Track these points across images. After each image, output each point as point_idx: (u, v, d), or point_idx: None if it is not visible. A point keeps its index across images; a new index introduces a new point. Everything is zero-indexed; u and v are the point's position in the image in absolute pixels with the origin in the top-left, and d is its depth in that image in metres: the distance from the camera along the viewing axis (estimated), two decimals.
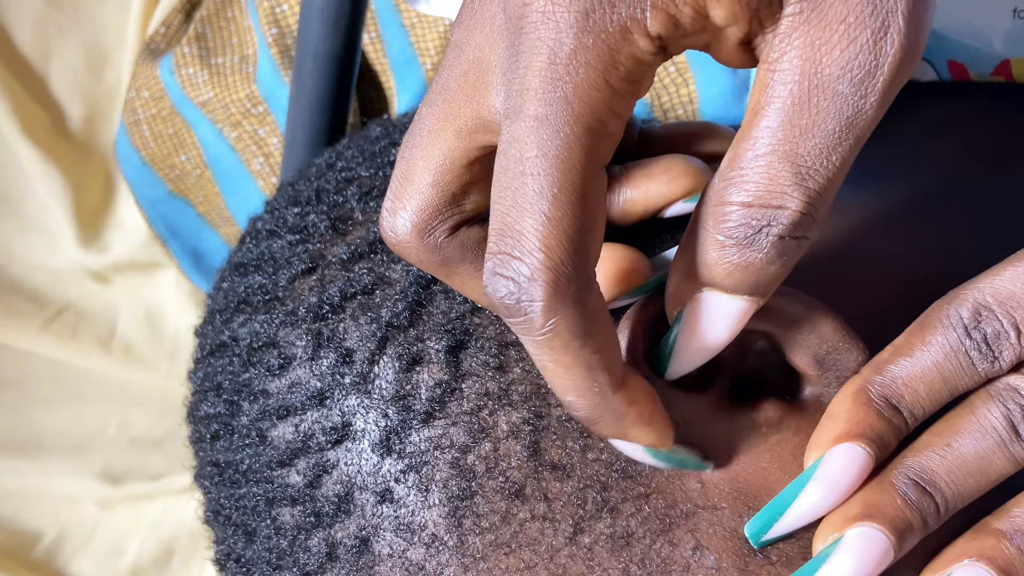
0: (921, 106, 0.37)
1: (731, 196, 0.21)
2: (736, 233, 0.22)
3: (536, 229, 0.21)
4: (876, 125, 0.21)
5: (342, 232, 0.30)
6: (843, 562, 0.24)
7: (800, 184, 0.21)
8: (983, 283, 0.24)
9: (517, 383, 0.27)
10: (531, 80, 0.21)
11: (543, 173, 0.21)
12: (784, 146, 0.21)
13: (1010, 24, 0.33)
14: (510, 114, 0.22)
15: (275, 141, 0.57)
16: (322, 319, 0.29)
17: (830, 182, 0.21)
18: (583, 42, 0.21)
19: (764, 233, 0.21)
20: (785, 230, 0.21)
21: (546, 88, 0.21)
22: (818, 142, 0.21)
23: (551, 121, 0.21)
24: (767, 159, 0.21)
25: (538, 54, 0.21)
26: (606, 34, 0.20)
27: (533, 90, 0.21)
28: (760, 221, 0.21)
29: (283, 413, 0.29)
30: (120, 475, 0.65)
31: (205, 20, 0.59)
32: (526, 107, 0.21)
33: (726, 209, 0.22)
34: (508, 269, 0.21)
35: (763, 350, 0.27)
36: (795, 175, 0.21)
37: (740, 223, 0.21)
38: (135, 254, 0.66)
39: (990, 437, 0.24)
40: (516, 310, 0.21)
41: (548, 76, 0.21)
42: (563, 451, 0.27)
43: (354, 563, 0.28)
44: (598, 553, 0.26)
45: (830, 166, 0.21)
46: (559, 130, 0.21)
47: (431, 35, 0.51)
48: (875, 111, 0.21)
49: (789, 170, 0.21)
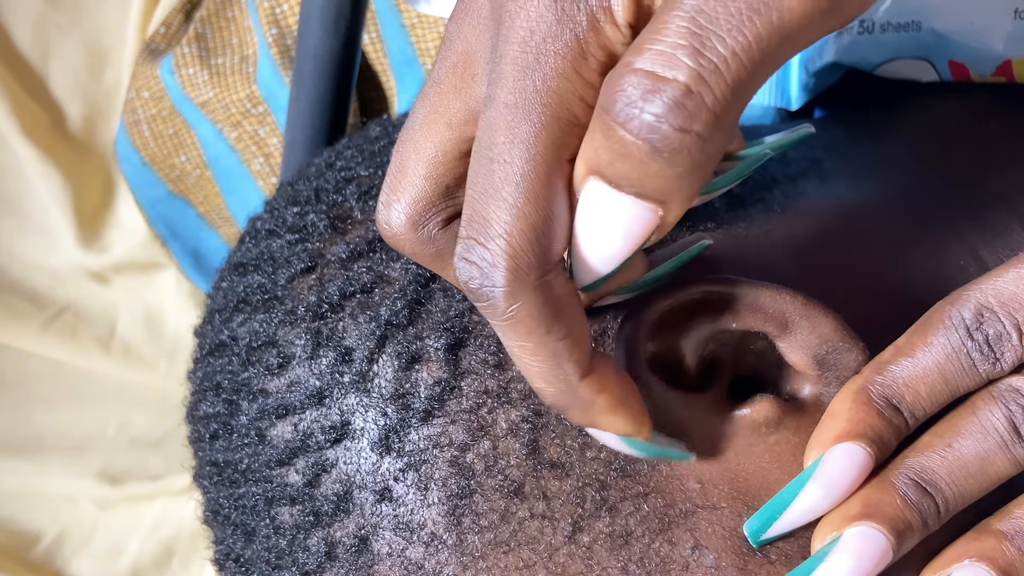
0: (922, 106, 0.37)
1: (624, 59, 0.19)
2: (612, 105, 0.19)
3: (499, 216, 0.21)
4: (816, 30, 0.18)
5: (341, 231, 0.30)
6: (841, 561, 0.24)
7: (695, 53, 0.18)
8: (985, 284, 0.24)
9: (516, 381, 0.27)
10: (504, 68, 0.21)
11: (509, 160, 0.21)
12: (692, 1, 0.18)
13: (1011, 25, 0.33)
14: (486, 102, 0.22)
15: (275, 141, 0.57)
16: (321, 318, 0.29)
17: (736, 61, 0.18)
18: (553, 31, 0.20)
19: (639, 109, 0.18)
20: (664, 110, 0.18)
21: (516, 77, 0.21)
22: (731, 6, 0.18)
23: (520, 109, 0.21)
24: (671, 17, 0.18)
25: (511, 43, 0.21)
26: (574, 23, 0.20)
27: (505, 78, 0.21)
28: (639, 93, 0.18)
29: (282, 412, 0.29)
30: (120, 475, 0.65)
31: (205, 20, 0.59)
32: (498, 95, 0.21)
33: (612, 76, 0.19)
34: (473, 254, 0.21)
35: (762, 350, 0.27)
36: (692, 36, 0.18)
37: (619, 91, 0.19)
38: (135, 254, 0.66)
39: (991, 438, 0.24)
40: (480, 295, 0.21)
41: (519, 65, 0.21)
42: (562, 449, 0.27)
43: (353, 562, 0.28)
44: (597, 552, 0.26)
45: (740, 39, 0.18)
46: (527, 118, 0.21)
47: (431, 35, 0.51)
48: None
49: (687, 32, 0.18)
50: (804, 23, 0.18)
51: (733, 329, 0.26)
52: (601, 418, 0.23)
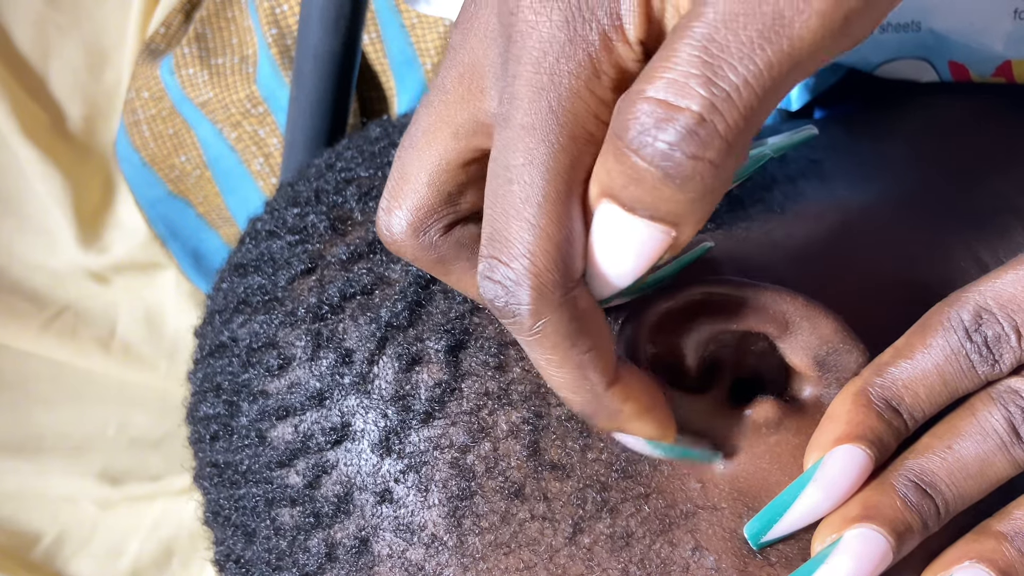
0: (922, 106, 0.37)
1: (636, 85, 0.19)
2: (626, 132, 0.19)
3: (521, 236, 0.21)
4: (825, 53, 0.19)
5: (341, 232, 0.30)
6: (841, 563, 0.24)
7: (707, 82, 0.18)
8: (984, 286, 0.24)
9: (517, 383, 0.27)
10: (519, 89, 0.21)
11: (528, 182, 0.21)
12: (703, 30, 0.18)
13: (1011, 25, 0.33)
14: (500, 122, 0.22)
15: (275, 141, 0.57)
16: (321, 319, 0.29)
17: (747, 90, 0.18)
18: (565, 52, 0.21)
19: (652, 137, 0.19)
20: (677, 139, 0.19)
21: (531, 98, 0.21)
22: (743, 35, 0.18)
23: (537, 130, 0.21)
24: (682, 45, 0.19)
25: (524, 64, 0.21)
26: (586, 43, 0.21)
27: (520, 99, 0.21)
28: (652, 121, 0.19)
29: (282, 414, 0.29)
30: (120, 476, 0.65)
31: (205, 20, 0.59)
32: (514, 116, 0.21)
33: (625, 102, 0.19)
34: (496, 273, 0.21)
35: (762, 351, 0.27)
36: (704, 65, 0.18)
37: (632, 119, 0.19)
38: (135, 254, 0.66)
39: (991, 439, 0.24)
40: (506, 312, 0.22)
41: (534, 86, 0.21)
42: (563, 451, 0.27)
43: (353, 563, 0.28)
44: (598, 553, 0.26)
45: (751, 68, 0.18)
46: (544, 139, 0.21)
47: (431, 35, 0.51)
48: (817, 22, 0.18)
49: (699, 61, 0.18)
50: (814, 48, 0.18)
51: (734, 330, 0.26)
52: (628, 425, 0.24)
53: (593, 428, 0.26)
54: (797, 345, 0.26)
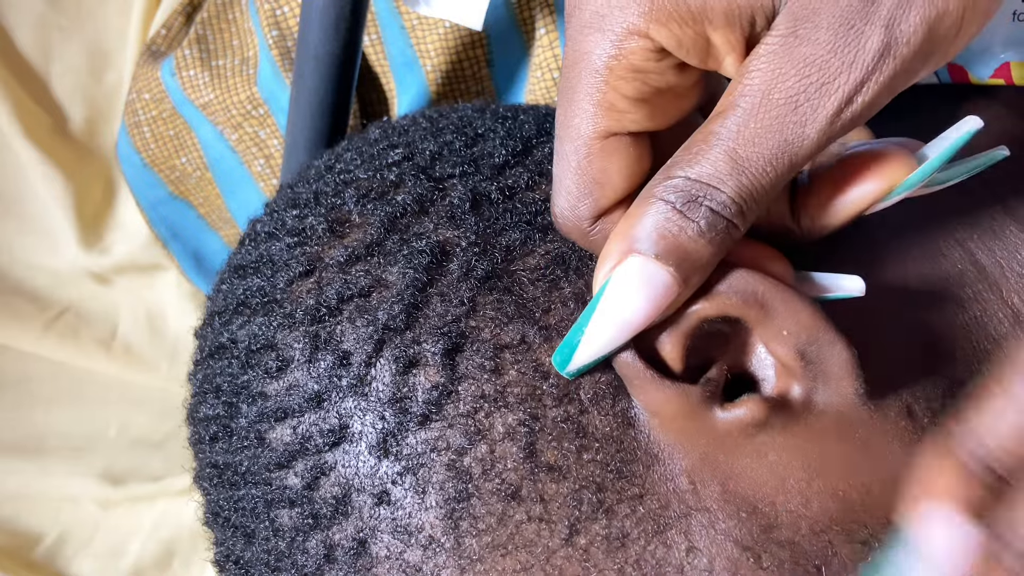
0: (921, 108, 0.37)
1: (676, 171, 0.25)
2: (673, 197, 0.24)
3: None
4: (817, 152, 0.24)
5: (339, 235, 0.30)
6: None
7: (736, 177, 0.24)
8: None
9: (513, 385, 0.27)
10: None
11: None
12: (729, 144, 0.24)
13: (1010, 27, 0.33)
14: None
15: (276, 143, 0.57)
16: (319, 322, 0.29)
17: (763, 186, 0.24)
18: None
19: (698, 202, 0.24)
20: (717, 206, 0.24)
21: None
22: (758, 151, 0.24)
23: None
24: (714, 151, 0.24)
25: None
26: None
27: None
28: (697, 191, 0.24)
29: (281, 415, 0.29)
30: (121, 476, 0.66)
31: (206, 22, 0.60)
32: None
33: (669, 180, 0.25)
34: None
35: (745, 343, 0.27)
36: (733, 169, 0.24)
37: (680, 189, 0.24)
38: (136, 256, 0.66)
39: None
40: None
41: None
42: (559, 452, 0.27)
43: (352, 564, 0.28)
44: (594, 554, 0.26)
45: (764, 174, 0.24)
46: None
47: (431, 37, 0.51)
48: (813, 142, 0.24)
49: (728, 164, 0.24)
50: (815, 148, 0.24)
51: (711, 316, 0.26)
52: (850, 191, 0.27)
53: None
54: (777, 331, 0.26)
